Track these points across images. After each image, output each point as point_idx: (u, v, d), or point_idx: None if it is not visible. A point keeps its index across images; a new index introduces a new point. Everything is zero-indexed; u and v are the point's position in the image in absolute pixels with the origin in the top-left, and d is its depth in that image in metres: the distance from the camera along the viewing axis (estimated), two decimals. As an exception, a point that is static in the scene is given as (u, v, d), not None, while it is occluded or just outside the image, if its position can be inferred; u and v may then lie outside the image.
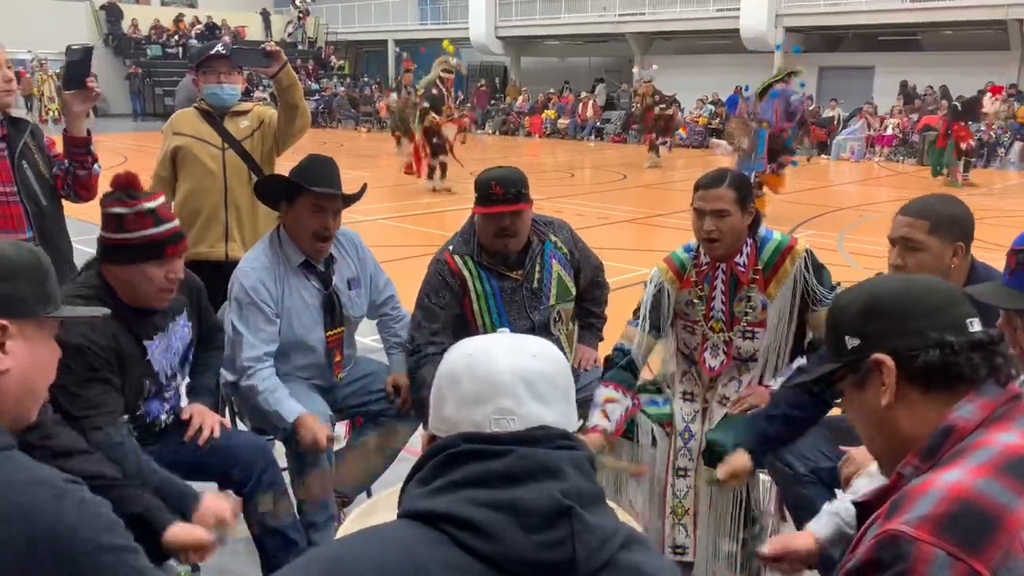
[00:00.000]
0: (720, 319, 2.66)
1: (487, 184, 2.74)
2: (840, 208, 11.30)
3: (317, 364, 2.89)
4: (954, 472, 1.11)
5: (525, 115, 24.86)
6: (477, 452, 1.02)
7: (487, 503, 0.97)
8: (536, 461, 1.01)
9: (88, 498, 1.21)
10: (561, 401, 1.09)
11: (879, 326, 1.25)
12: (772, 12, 21.14)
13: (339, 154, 17.69)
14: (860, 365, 1.26)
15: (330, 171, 2.78)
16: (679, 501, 2.67)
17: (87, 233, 3.89)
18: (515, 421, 1.04)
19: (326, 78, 29.68)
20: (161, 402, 2.46)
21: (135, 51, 28.22)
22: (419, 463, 1.07)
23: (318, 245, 2.77)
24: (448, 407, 1.08)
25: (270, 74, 3.33)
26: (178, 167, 3.49)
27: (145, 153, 15.93)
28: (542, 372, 1.08)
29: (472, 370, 1.07)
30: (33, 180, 2.79)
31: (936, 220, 2.15)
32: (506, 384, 1.05)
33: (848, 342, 1.28)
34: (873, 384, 1.25)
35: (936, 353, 1.20)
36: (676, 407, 2.74)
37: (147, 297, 2.29)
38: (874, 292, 1.28)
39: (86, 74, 2.81)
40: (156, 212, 2.24)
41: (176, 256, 2.29)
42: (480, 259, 2.86)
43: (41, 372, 1.39)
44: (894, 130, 18.29)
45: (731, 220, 2.53)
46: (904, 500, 1.11)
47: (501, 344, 1.11)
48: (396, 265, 6.60)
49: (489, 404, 1.05)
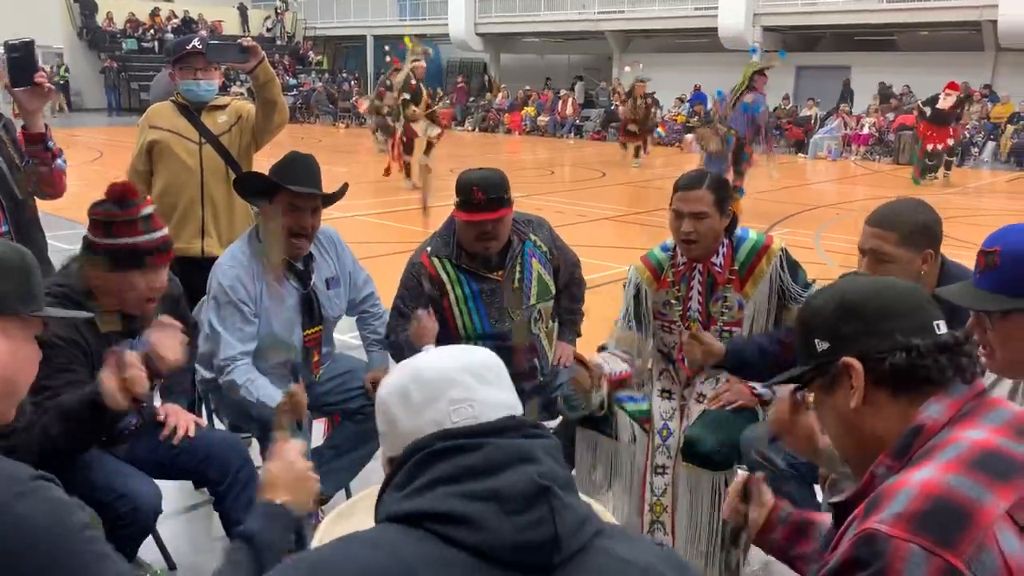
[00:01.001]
0: (697, 319, 2.67)
1: (469, 188, 2.71)
2: (817, 206, 11.39)
3: (295, 362, 2.86)
4: (926, 470, 1.13)
5: (505, 112, 24.85)
6: (452, 448, 1.02)
7: (468, 495, 0.98)
8: (511, 450, 1.02)
9: (56, 497, 1.18)
10: (508, 385, 1.12)
11: (848, 329, 1.26)
12: (750, 11, 21.26)
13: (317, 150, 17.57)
14: (829, 368, 1.28)
15: (310, 169, 2.75)
16: (657, 499, 2.68)
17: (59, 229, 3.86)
18: (473, 406, 1.06)
19: (304, 73, 29.49)
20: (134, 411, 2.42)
21: (110, 45, 27.87)
22: (394, 470, 1.06)
23: (295, 243, 2.75)
24: (402, 423, 1.08)
25: (247, 70, 3.30)
26: (154, 161, 3.45)
27: (120, 148, 15.73)
28: (482, 360, 1.11)
29: (416, 377, 1.09)
30: (7, 172, 2.75)
31: (904, 231, 2.16)
32: (453, 378, 1.07)
33: (818, 345, 1.30)
34: (842, 387, 1.27)
35: (903, 356, 1.22)
36: (654, 405, 2.75)
37: (127, 303, 2.27)
38: (843, 296, 1.30)
39: (33, 70, 2.68)
40: (147, 220, 2.22)
41: (161, 266, 2.27)
42: (459, 261, 2.84)
43: (22, 370, 1.37)
44: (870, 129, 18.47)
45: (709, 222, 2.55)
46: (879, 499, 1.13)
47: (436, 351, 1.14)
48: (375, 262, 6.57)
49: (442, 399, 1.06)
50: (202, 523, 3.09)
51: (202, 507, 3.11)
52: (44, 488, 1.18)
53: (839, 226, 9.73)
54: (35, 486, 1.17)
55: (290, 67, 29.21)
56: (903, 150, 16.92)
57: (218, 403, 2.95)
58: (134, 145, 3.54)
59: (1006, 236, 1.65)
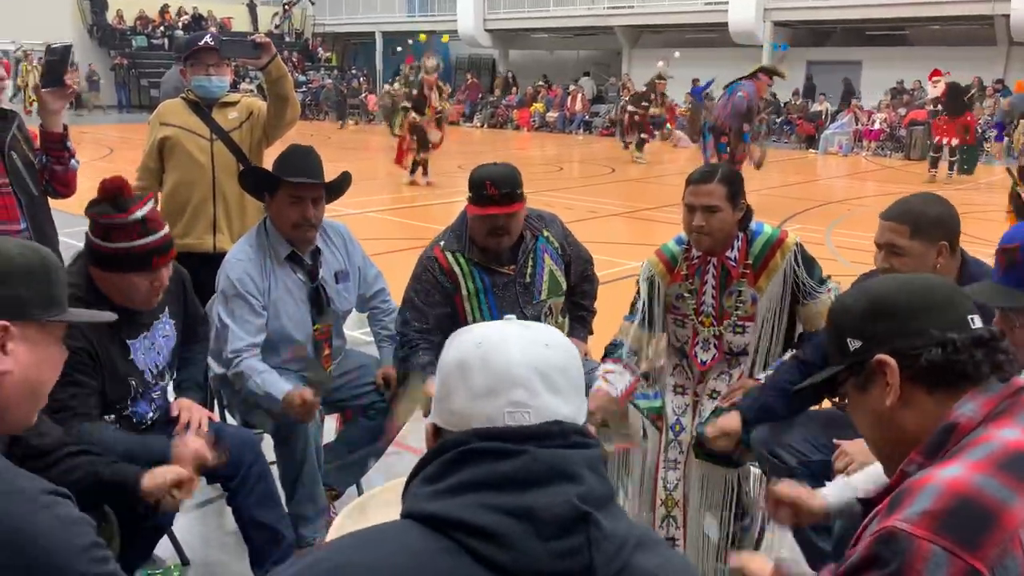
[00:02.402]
0: (710, 313, 2.66)
1: (481, 183, 2.70)
2: (828, 202, 11.34)
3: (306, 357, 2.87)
4: (953, 468, 1.11)
5: (513, 108, 24.83)
6: (489, 451, 0.96)
7: (501, 508, 0.93)
8: (550, 463, 0.96)
9: (68, 515, 1.18)
10: (574, 393, 1.04)
11: (881, 327, 1.24)
12: (760, 6, 21.17)
13: (327, 146, 17.63)
14: (863, 367, 1.26)
15: (309, 160, 2.75)
16: (669, 493, 2.68)
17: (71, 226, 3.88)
18: (529, 414, 0.99)
19: (313, 70, 29.52)
20: (148, 402, 2.44)
21: (120, 42, 27.97)
22: (425, 459, 1.02)
23: (301, 233, 2.75)
24: (458, 400, 1.02)
25: (259, 66, 3.31)
26: (165, 158, 3.47)
27: (130, 145, 15.79)
28: (556, 363, 1.03)
29: (484, 361, 1.01)
30: (23, 170, 2.78)
31: (917, 224, 2.15)
32: (520, 376, 1.00)
33: (850, 344, 1.27)
34: (876, 385, 1.25)
35: (938, 351, 1.20)
36: (667, 400, 2.75)
37: (131, 302, 2.28)
38: (874, 293, 1.28)
39: (64, 72, 2.80)
40: (145, 222, 2.21)
41: (163, 266, 2.27)
42: (472, 256, 2.85)
43: (43, 375, 1.37)
44: (881, 125, 18.38)
45: (721, 215, 2.54)
46: (904, 495, 1.11)
47: (512, 333, 1.05)
48: (386, 258, 6.57)
49: (502, 396, 0.99)
50: (215, 518, 3.10)
51: (215, 502, 3.12)
52: (56, 504, 1.17)
53: (850, 222, 9.69)
54: (48, 501, 1.17)
55: (299, 64, 29.25)
56: (914, 145, 16.83)
57: (230, 398, 2.96)
58: (145, 142, 3.55)
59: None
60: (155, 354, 2.43)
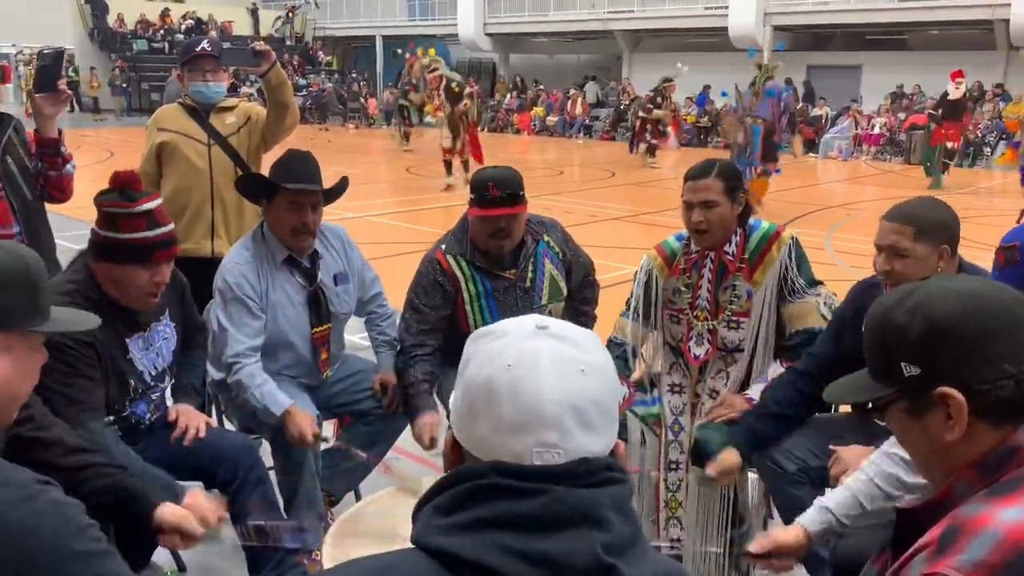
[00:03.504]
0: (705, 307, 2.66)
1: (484, 185, 2.71)
2: (827, 206, 11.34)
3: (303, 362, 2.87)
4: (1014, 510, 1.02)
5: (514, 112, 24.84)
6: (508, 488, 0.88)
7: (520, 554, 0.86)
8: (574, 506, 0.88)
9: (60, 499, 1.18)
10: (609, 426, 0.95)
11: (944, 357, 1.11)
12: (760, 11, 21.19)
13: (327, 150, 17.64)
14: (921, 395, 1.14)
15: (307, 166, 2.74)
16: (672, 495, 2.67)
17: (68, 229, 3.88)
18: (560, 455, 0.90)
19: (314, 74, 29.54)
20: (147, 404, 2.43)
21: (121, 46, 27.99)
22: (439, 487, 0.94)
23: (299, 240, 2.75)
24: (482, 427, 0.93)
25: (260, 73, 3.31)
26: (163, 163, 3.46)
27: (130, 148, 15.78)
28: (591, 395, 0.93)
29: (514, 390, 0.91)
30: (18, 174, 2.77)
31: (920, 226, 2.16)
32: (552, 415, 0.90)
33: (906, 369, 1.14)
34: (934, 415, 1.13)
35: (1011, 385, 1.09)
36: (664, 400, 2.74)
37: (129, 298, 2.28)
38: (934, 315, 1.13)
39: (57, 77, 2.80)
40: (152, 215, 2.22)
41: (164, 261, 2.27)
42: (473, 259, 2.84)
43: (23, 383, 1.36)
44: (881, 129, 18.38)
45: (719, 210, 2.55)
46: (958, 535, 1.02)
47: (545, 353, 0.93)
48: (385, 263, 6.57)
49: (531, 436, 0.90)
50: (212, 524, 3.09)
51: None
52: (47, 490, 1.18)
53: (850, 226, 9.69)
54: (40, 489, 1.17)
55: (300, 67, 29.28)
56: (914, 150, 16.82)
57: (227, 404, 2.95)
58: (143, 147, 3.55)
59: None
60: (153, 355, 2.42)
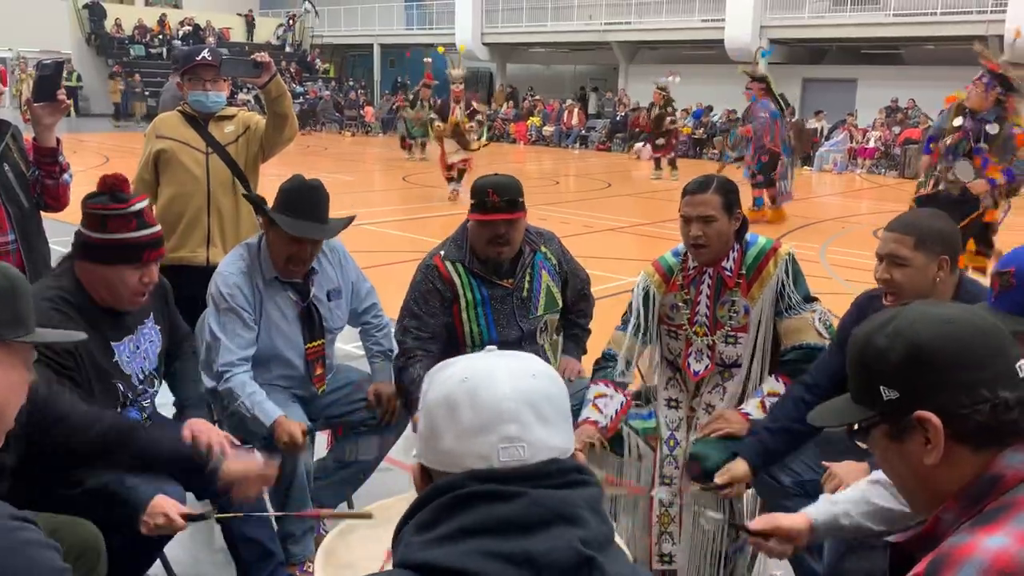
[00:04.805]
0: (704, 323, 2.66)
1: (484, 191, 2.73)
2: (822, 220, 11.37)
3: (297, 376, 2.86)
4: (999, 537, 1.03)
5: (510, 122, 24.89)
6: (485, 494, 0.92)
7: (501, 555, 0.89)
8: (551, 507, 0.93)
9: (33, 539, 1.14)
10: (563, 422, 1.01)
11: (922, 381, 1.12)
12: (757, 23, 21.30)
13: (323, 157, 17.66)
14: (899, 419, 1.15)
15: (316, 203, 2.70)
16: (665, 509, 2.67)
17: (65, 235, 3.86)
18: (524, 448, 0.95)
19: (311, 81, 29.59)
20: (140, 412, 2.42)
21: (118, 51, 28.00)
22: (417, 504, 0.97)
23: (291, 269, 2.75)
24: (447, 440, 0.97)
25: (260, 84, 3.31)
26: (161, 171, 3.46)
27: (127, 153, 15.79)
28: (544, 392, 1.00)
29: (472, 397, 0.97)
30: (14, 181, 2.77)
31: (921, 235, 2.18)
32: (511, 410, 0.96)
33: (884, 393, 1.16)
34: (913, 439, 1.15)
35: (987, 409, 1.10)
36: (660, 415, 2.74)
37: (119, 299, 2.27)
38: (915, 340, 1.13)
39: (57, 87, 2.80)
40: (140, 215, 2.23)
41: (153, 261, 2.27)
42: (471, 266, 2.85)
43: (9, 398, 1.33)
44: (876, 143, 18.46)
45: (717, 225, 2.55)
46: (944, 565, 1.03)
47: (498, 365, 1.01)
48: (381, 271, 6.57)
49: (494, 433, 0.95)
50: (205, 535, 3.07)
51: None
52: (25, 528, 1.14)
53: (844, 240, 9.71)
54: (15, 526, 1.14)
55: (297, 75, 29.32)
56: (908, 164, 16.89)
57: (219, 413, 2.94)
58: (141, 154, 3.55)
59: (1019, 256, 1.65)
60: (141, 358, 2.41)
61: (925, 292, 2.16)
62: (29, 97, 2.79)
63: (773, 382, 2.58)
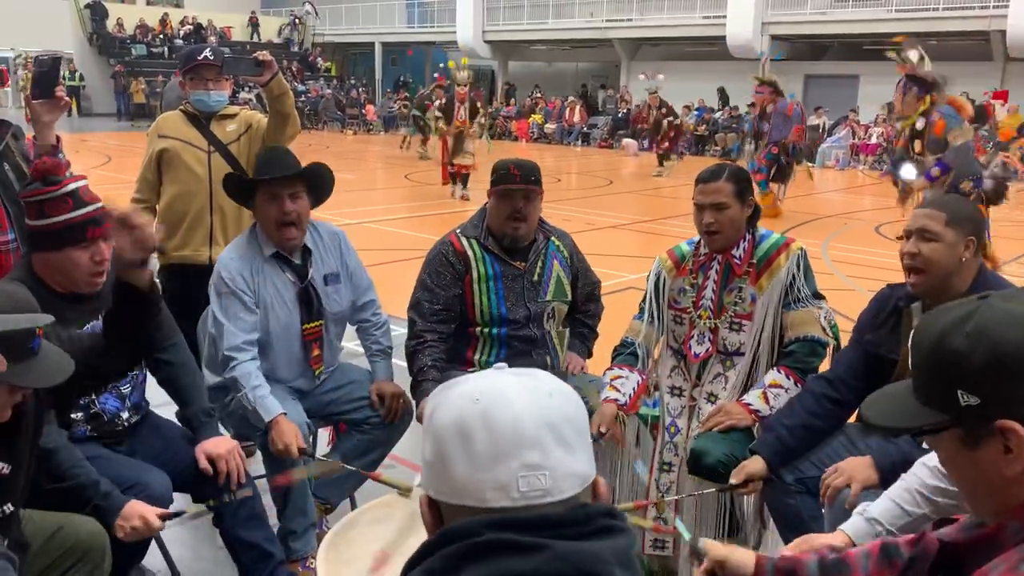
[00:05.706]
0: (708, 307, 2.70)
1: (505, 166, 2.86)
2: (824, 216, 11.37)
3: (294, 359, 2.88)
4: None
5: (512, 119, 24.89)
6: (503, 544, 0.82)
7: None
8: (576, 564, 0.82)
9: None
10: (585, 446, 0.92)
11: (1008, 388, 1.06)
12: (758, 20, 21.28)
13: (325, 156, 17.62)
14: (978, 426, 1.09)
15: (280, 158, 2.82)
16: (662, 495, 2.69)
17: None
18: (546, 476, 0.86)
19: (312, 80, 29.60)
20: (119, 399, 2.42)
21: (120, 50, 28.03)
22: (426, 549, 0.87)
23: (284, 232, 2.77)
24: (459, 469, 0.87)
25: (262, 83, 3.32)
26: (163, 170, 3.48)
27: (129, 152, 15.82)
28: (564, 414, 0.90)
29: (486, 420, 0.87)
30: (14, 181, 2.77)
31: (953, 213, 2.23)
32: (530, 434, 0.87)
33: (963, 398, 1.08)
34: (990, 447, 1.08)
35: None
36: (663, 401, 2.77)
37: (75, 283, 2.24)
38: (998, 344, 1.06)
39: (55, 84, 2.79)
40: (76, 194, 2.20)
41: (99, 238, 2.22)
42: (486, 243, 2.91)
43: None
44: (878, 139, 18.44)
45: (730, 212, 2.61)
46: None
47: (511, 383, 0.91)
48: (383, 269, 6.58)
49: (514, 460, 0.86)
50: (205, 531, 3.08)
51: (205, 514, 3.10)
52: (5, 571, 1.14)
53: (846, 236, 9.71)
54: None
55: (299, 73, 29.33)
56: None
57: (221, 412, 2.94)
58: (143, 154, 3.56)
59: None
60: None
61: (950, 271, 2.20)
62: (28, 94, 2.78)
63: (775, 373, 2.59)
